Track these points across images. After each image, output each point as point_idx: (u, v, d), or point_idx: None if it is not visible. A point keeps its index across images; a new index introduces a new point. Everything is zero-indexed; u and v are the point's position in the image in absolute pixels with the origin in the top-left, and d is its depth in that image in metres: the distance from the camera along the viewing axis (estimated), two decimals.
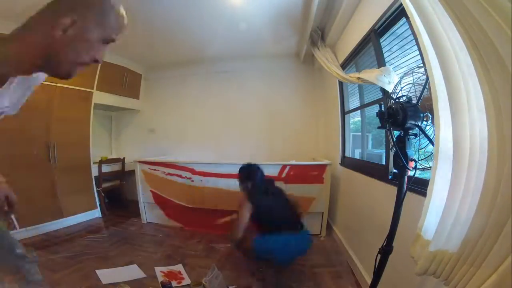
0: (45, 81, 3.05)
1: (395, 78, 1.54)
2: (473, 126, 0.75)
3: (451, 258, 0.77)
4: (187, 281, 1.90)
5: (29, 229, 2.58)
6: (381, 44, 1.82)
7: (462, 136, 0.78)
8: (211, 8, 2.42)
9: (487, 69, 0.65)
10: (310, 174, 2.69)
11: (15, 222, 1.45)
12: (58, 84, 2.86)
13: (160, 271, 1.96)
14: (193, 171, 2.89)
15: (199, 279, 1.75)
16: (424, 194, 1.21)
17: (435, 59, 0.83)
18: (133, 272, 1.98)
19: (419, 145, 1.07)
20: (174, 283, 1.85)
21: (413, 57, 1.47)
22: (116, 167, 3.66)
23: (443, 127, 0.84)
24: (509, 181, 0.62)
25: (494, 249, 0.64)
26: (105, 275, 1.93)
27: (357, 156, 2.65)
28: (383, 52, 1.80)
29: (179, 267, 2.07)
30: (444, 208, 0.83)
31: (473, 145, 0.75)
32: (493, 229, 0.65)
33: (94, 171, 3.30)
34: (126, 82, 3.79)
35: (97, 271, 1.97)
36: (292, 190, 2.68)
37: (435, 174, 0.86)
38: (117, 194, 3.82)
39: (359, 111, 2.50)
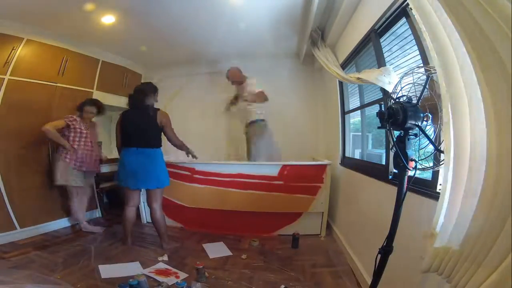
0: (45, 81, 3.04)
1: (395, 78, 1.54)
2: (473, 127, 0.75)
3: (454, 255, 0.78)
4: (183, 275, 1.93)
5: (29, 229, 2.58)
6: (381, 44, 1.82)
7: (463, 136, 0.79)
8: (211, 8, 2.42)
9: (487, 70, 0.65)
10: (310, 174, 2.69)
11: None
12: (58, 84, 2.87)
13: (149, 272, 1.95)
14: (193, 171, 2.89)
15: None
16: (424, 194, 1.21)
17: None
18: (133, 269, 1.98)
19: (419, 145, 1.07)
20: (172, 279, 1.86)
21: (413, 57, 1.47)
22: (115, 167, 3.65)
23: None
24: (508, 181, 0.62)
25: (494, 248, 0.64)
26: (106, 270, 1.97)
27: (357, 156, 2.65)
28: (383, 52, 1.80)
29: (161, 265, 2.08)
30: (448, 206, 0.84)
31: (473, 144, 0.75)
32: (493, 228, 0.65)
33: None
34: (126, 82, 3.78)
35: (99, 266, 2.00)
36: (292, 190, 2.69)
37: (449, 172, 0.85)
38: (117, 194, 3.81)
39: (359, 111, 2.50)
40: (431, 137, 1.01)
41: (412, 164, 1.04)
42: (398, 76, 1.41)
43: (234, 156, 3.64)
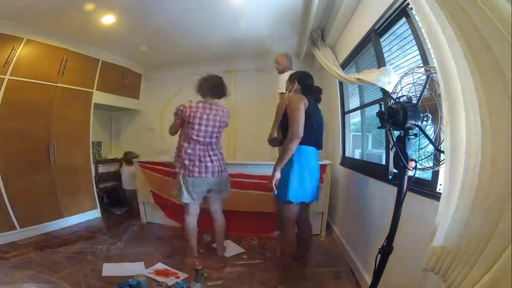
0: (45, 81, 3.05)
1: (395, 78, 1.55)
2: (469, 127, 0.75)
3: (449, 255, 0.78)
4: (183, 275, 1.93)
5: (29, 229, 2.58)
6: (381, 44, 1.82)
7: (458, 137, 0.79)
8: (211, 8, 2.42)
9: (483, 72, 0.65)
10: None
11: None
12: (58, 84, 2.87)
13: (148, 273, 1.95)
14: None
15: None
16: (424, 194, 1.21)
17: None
18: (136, 268, 1.99)
19: (419, 145, 1.07)
20: (172, 280, 1.86)
21: (413, 57, 1.47)
22: (114, 167, 3.66)
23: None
24: (502, 181, 0.62)
25: (488, 247, 0.65)
26: (109, 268, 1.99)
27: (357, 156, 2.65)
28: (383, 52, 1.80)
29: (160, 265, 2.08)
30: (444, 206, 0.84)
31: (468, 145, 0.75)
32: (487, 228, 0.66)
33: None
34: (126, 82, 3.78)
35: (104, 264, 2.03)
36: None
37: (446, 172, 0.85)
38: (117, 194, 3.82)
39: (359, 111, 2.50)
40: (431, 137, 1.01)
41: (412, 164, 1.04)
42: (398, 76, 1.42)
43: None
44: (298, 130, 1.62)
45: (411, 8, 1.39)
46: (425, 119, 1.01)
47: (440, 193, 1.10)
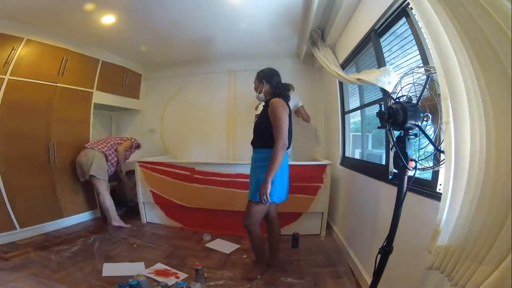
0: (45, 81, 3.04)
1: (395, 78, 1.54)
2: (473, 126, 0.75)
3: (455, 253, 0.78)
4: (183, 275, 1.93)
5: (29, 229, 2.58)
6: (381, 44, 1.82)
7: (463, 136, 0.79)
8: (211, 8, 2.42)
9: (486, 70, 0.65)
10: (310, 174, 2.68)
11: None
12: (58, 84, 2.87)
13: (148, 273, 1.95)
14: (193, 171, 2.89)
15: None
16: (424, 194, 1.21)
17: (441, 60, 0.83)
18: (136, 268, 1.99)
19: (419, 145, 1.07)
20: (172, 280, 1.86)
21: (413, 57, 1.47)
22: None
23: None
24: (508, 178, 0.62)
25: (495, 245, 0.64)
26: (109, 268, 1.99)
27: (357, 156, 2.65)
28: (383, 52, 1.80)
29: (160, 265, 2.08)
30: (449, 204, 0.84)
31: (473, 144, 0.75)
32: (493, 225, 0.66)
33: None
34: (126, 82, 3.78)
35: (104, 264, 2.04)
36: (292, 190, 2.68)
37: (451, 172, 0.85)
38: (117, 194, 3.81)
39: (359, 111, 2.50)
40: (431, 137, 1.01)
41: (412, 164, 1.04)
42: (398, 76, 1.42)
43: None
44: (286, 140, 1.71)
45: (411, 8, 1.39)
46: (425, 119, 1.01)
47: (440, 193, 1.11)
